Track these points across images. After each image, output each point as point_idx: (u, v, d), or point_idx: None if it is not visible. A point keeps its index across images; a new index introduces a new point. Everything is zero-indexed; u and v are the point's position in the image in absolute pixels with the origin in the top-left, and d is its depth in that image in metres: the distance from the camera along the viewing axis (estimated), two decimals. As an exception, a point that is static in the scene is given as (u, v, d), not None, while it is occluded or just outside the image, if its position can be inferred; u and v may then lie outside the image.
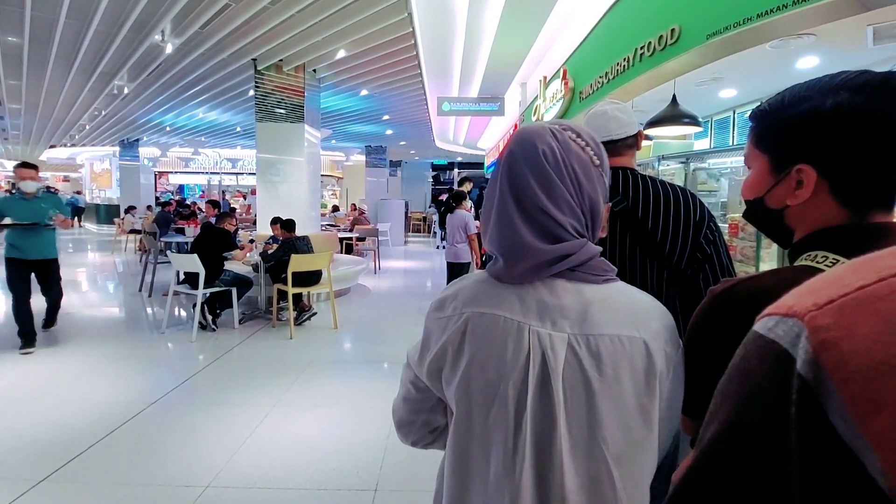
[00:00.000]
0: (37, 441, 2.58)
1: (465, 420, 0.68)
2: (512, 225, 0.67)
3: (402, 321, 5.37)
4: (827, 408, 0.22)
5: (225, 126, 12.96)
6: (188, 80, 8.22)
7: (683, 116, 3.65)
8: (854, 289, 0.24)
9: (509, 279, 0.68)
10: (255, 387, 3.41)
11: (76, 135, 14.92)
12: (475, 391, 0.67)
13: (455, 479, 0.70)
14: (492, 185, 0.72)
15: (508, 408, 0.65)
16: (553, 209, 0.66)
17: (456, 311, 0.71)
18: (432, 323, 0.74)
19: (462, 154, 17.24)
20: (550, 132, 0.69)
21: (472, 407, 0.68)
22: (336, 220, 12.73)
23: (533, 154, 0.67)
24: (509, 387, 0.65)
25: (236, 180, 22.57)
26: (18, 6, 5.33)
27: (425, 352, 0.75)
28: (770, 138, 0.61)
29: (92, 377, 3.55)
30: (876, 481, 0.19)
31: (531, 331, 0.65)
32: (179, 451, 2.54)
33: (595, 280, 0.68)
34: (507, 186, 0.68)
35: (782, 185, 0.59)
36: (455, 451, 0.70)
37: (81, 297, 6.54)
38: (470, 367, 0.68)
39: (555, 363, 0.63)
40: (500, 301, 0.68)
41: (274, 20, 5.65)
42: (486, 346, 0.67)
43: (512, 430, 0.65)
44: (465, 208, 5.51)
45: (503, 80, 7.30)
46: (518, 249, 0.66)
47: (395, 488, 2.27)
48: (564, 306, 0.65)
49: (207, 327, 4.69)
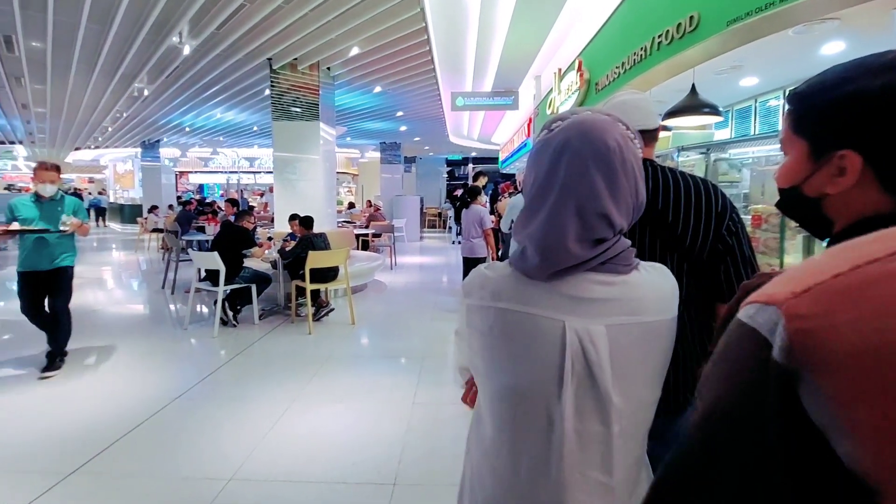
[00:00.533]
0: (66, 435, 2.67)
1: (494, 417, 0.69)
2: (562, 229, 0.64)
3: (418, 317, 5.39)
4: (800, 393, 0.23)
5: (242, 126, 13.15)
6: (206, 81, 8.36)
7: (703, 106, 3.56)
8: (830, 277, 0.25)
9: (541, 278, 0.67)
10: (275, 381, 3.47)
11: (99, 137, 15.31)
12: (505, 389, 0.67)
13: (484, 471, 0.71)
14: (545, 184, 0.67)
15: (541, 404, 0.65)
16: (615, 214, 0.65)
17: (483, 302, 0.70)
18: (463, 307, 0.75)
19: (476, 149, 17.18)
20: (616, 124, 0.67)
21: (501, 404, 0.68)
22: (352, 216, 12.83)
23: (603, 153, 0.64)
24: (541, 383, 0.65)
25: (254, 179, 22.90)
26: (41, 11, 5.48)
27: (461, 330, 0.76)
28: (809, 122, 0.57)
29: (118, 372, 3.66)
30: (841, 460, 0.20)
31: (567, 326, 0.64)
32: (203, 445, 2.60)
33: (624, 270, 0.67)
34: (570, 189, 0.64)
35: (822, 172, 0.55)
36: (483, 442, 0.71)
37: (107, 295, 6.73)
38: (499, 366, 0.68)
39: (597, 356, 0.63)
40: (529, 297, 0.67)
41: (288, 19, 5.69)
42: (512, 344, 0.67)
43: (546, 426, 0.65)
44: (480, 203, 5.50)
45: (517, 74, 7.24)
46: (559, 253, 0.64)
47: (413, 482, 2.28)
48: (599, 299, 0.65)
49: (228, 323, 4.78)
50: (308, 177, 7.46)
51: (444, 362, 4.07)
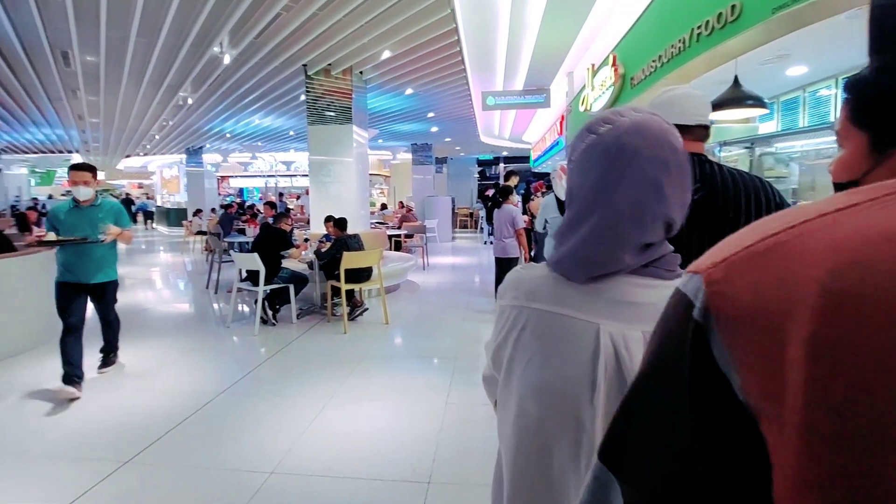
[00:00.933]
0: (122, 426, 2.84)
1: (524, 418, 0.68)
2: (621, 236, 0.62)
3: (450, 317, 5.41)
4: (711, 343, 0.28)
5: (279, 131, 13.57)
6: (245, 89, 8.68)
7: (747, 98, 3.41)
8: (742, 248, 0.30)
9: (580, 281, 0.65)
10: (313, 379, 3.57)
11: (147, 144, 16.16)
12: (534, 390, 0.67)
13: (514, 476, 0.70)
14: (599, 186, 0.64)
15: (571, 407, 0.64)
16: (677, 218, 0.63)
17: (517, 302, 0.70)
18: (497, 309, 0.75)
19: (508, 148, 17.06)
20: (669, 126, 0.64)
21: (530, 405, 0.67)
22: (384, 217, 13.01)
23: (670, 157, 0.62)
24: (572, 386, 0.64)
25: (290, 182, 23.58)
26: (94, 27, 5.84)
27: (492, 337, 0.75)
28: (871, 113, 0.51)
29: (167, 368, 3.86)
30: (737, 395, 0.27)
31: (602, 330, 0.63)
32: (246, 439, 2.70)
33: (667, 276, 0.65)
34: (633, 192, 0.61)
35: (883, 168, 0.49)
36: (513, 449, 0.70)
37: (156, 295, 7.10)
38: (529, 367, 0.67)
39: (630, 363, 0.61)
40: (564, 298, 0.66)
41: (322, 25, 5.84)
42: (546, 345, 0.66)
43: (575, 429, 0.64)
44: (512, 203, 5.46)
45: (549, 71, 7.14)
46: (609, 263, 0.63)
47: (447, 481, 2.30)
48: (638, 304, 0.63)
49: (268, 322, 4.95)
50: (342, 179, 7.62)
51: (477, 363, 4.07)
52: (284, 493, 2.20)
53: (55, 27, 5.87)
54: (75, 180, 3.18)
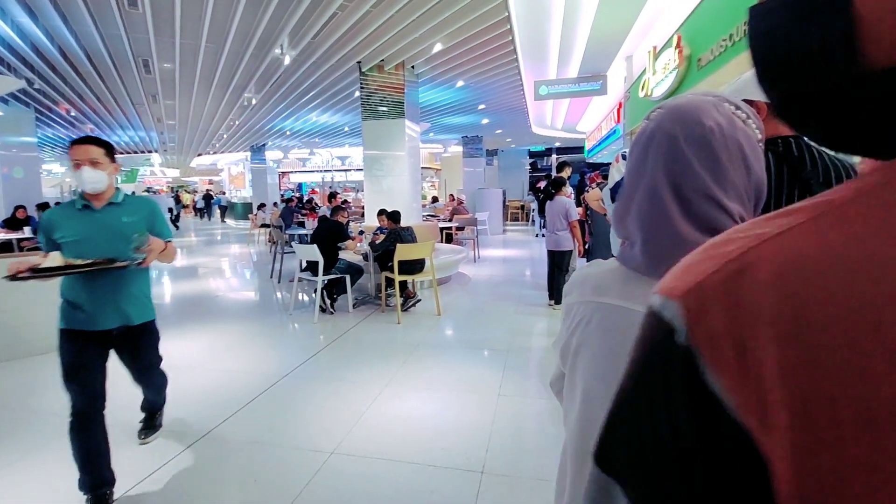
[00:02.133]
0: (196, 403, 3.09)
1: (589, 411, 0.67)
2: (667, 219, 0.61)
3: (501, 309, 5.40)
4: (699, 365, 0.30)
5: (335, 127, 14.04)
6: (303, 88, 9.05)
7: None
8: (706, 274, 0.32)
9: (655, 274, 0.63)
10: (369, 366, 3.70)
11: (216, 143, 17.29)
12: (600, 382, 0.66)
13: (579, 468, 0.69)
14: (636, 170, 0.65)
15: None
16: (721, 195, 0.60)
17: (583, 298, 0.69)
18: (563, 308, 0.74)
19: (560, 139, 16.62)
20: (713, 106, 0.62)
21: (595, 399, 0.66)
22: (436, 210, 13.13)
23: (698, 133, 0.61)
24: None
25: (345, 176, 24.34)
26: (170, 37, 6.31)
27: (559, 334, 0.75)
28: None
29: (236, 351, 4.14)
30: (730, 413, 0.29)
31: None
32: (308, 420, 2.86)
33: None
34: (663, 172, 0.62)
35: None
36: (578, 441, 0.69)
37: (226, 283, 7.62)
38: (594, 360, 0.66)
39: None
40: (633, 292, 0.64)
41: (375, 22, 5.96)
42: (611, 338, 0.65)
43: None
44: (564, 194, 5.33)
45: (605, 56, 6.87)
46: (672, 245, 0.61)
47: (501, 473, 2.32)
48: None
49: (326, 310, 5.18)
50: (394, 173, 7.78)
51: (529, 356, 4.04)
52: (344, 473, 2.31)
53: (137, 38, 6.41)
54: (78, 158, 1.94)
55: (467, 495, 2.15)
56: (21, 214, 8.42)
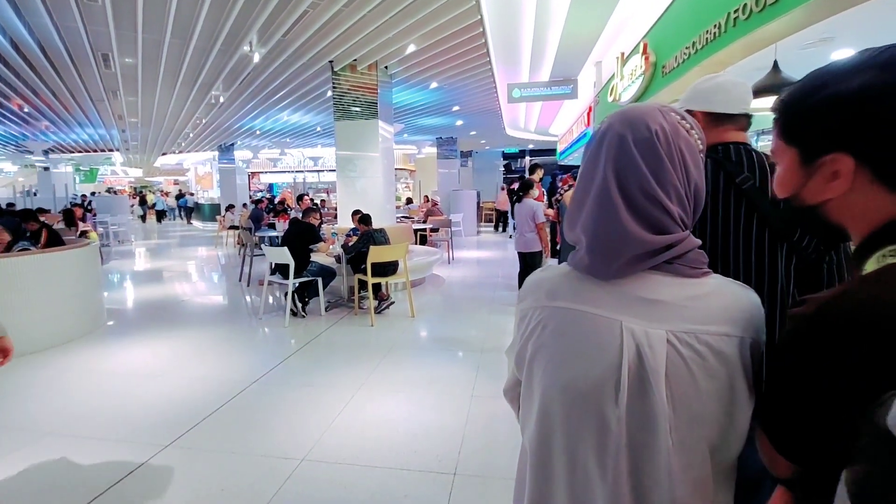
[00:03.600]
0: (161, 411, 2.98)
1: (547, 417, 0.67)
2: (614, 214, 0.62)
3: (475, 310, 5.42)
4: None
5: (307, 127, 13.80)
6: (273, 86, 8.86)
7: (787, 85, 3.24)
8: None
9: (604, 274, 0.64)
10: (341, 370, 3.65)
11: (182, 142, 16.73)
12: (557, 389, 0.65)
13: (537, 476, 0.69)
14: (588, 171, 0.67)
15: (595, 407, 0.62)
16: (662, 196, 0.62)
17: (537, 304, 0.69)
18: (517, 313, 0.74)
19: (533, 141, 16.86)
20: (660, 112, 0.65)
21: (553, 405, 0.66)
22: (410, 212, 13.08)
23: (645, 136, 0.63)
24: (596, 385, 0.62)
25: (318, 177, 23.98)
26: (132, 30, 6.06)
27: (513, 342, 0.75)
28: (796, 130, 0.57)
29: (203, 357, 4.01)
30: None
31: (624, 327, 0.62)
32: (278, 427, 2.80)
33: (693, 273, 0.63)
34: (612, 171, 0.64)
35: (816, 178, 0.55)
36: (536, 448, 0.69)
37: (192, 287, 7.37)
38: (550, 365, 0.66)
39: (654, 362, 0.60)
40: (586, 296, 0.65)
41: (348, 22, 5.89)
42: (569, 343, 0.65)
43: (600, 430, 0.62)
44: (532, 197, 5.42)
45: (576, 61, 7.01)
46: (619, 241, 0.62)
47: (473, 474, 2.32)
48: (662, 301, 0.62)
49: (298, 314, 5.08)
50: (368, 174, 7.71)
51: (501, 356, 4.07)
52: (315, 480, 2.27)
53: (96, 31, 6.13)
54: None
55: (440, 497, 2.14)
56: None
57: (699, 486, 0.61)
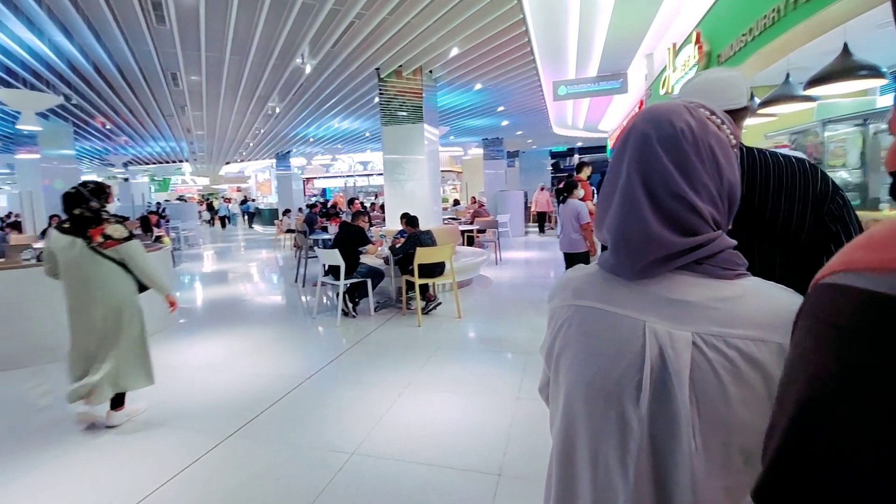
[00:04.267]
0: (224, 404, 3.20)
1: (570, 414, 0.67)
2: (638, 213, 0.61)
3: (523, 312, 5.38)
4: None
5: (356, 133, 14.24)
6: (324, 95, 9.24)
7: (859, 68, 3.00)
8: None
9: (629, 274, 0.64)
10: (390, 368, 3.75)
11: (243, 151, 17.77)
12: (580, 386, 0.66)
13: (562, 473, 0.70)
14: (614, 170, 0.67)
15: (617, 406, 0.62)
16: (692, 195, 0.60)
17: (564, 302, 0.70)
18: (548, 312, 0.75)
19: (582, 139, 16.43)
20: (686, 109, 0.64)
21: (576, 402, 0.66)
22: (457, 213, 13.15)
23: (670, 133, 0.62)
24: (617, 384, 0.62)
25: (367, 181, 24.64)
26: (196, 50, 6.54)
27: (544, 339, 0.76)
28: None
29: (262, 353, 4.26)
30: None
31: (647, 328, 0.61)
32: (330, 421, 2.93)
33: (725, 275, 0.61)
34: (636, 170, 0.63)
35: None
36: (561, 445, 0.70)
37: (253, 287, 7.83)
38: (574, 362, 0.67)
39: (677, 364, 0.58)
40: (611, 295, 0.65)
41: (392, 29, 6.04)
42: (591, 341, 0.65)
43: (621, 429, 0.62)
44: (577, 197, 5.32)
45: (625, 55, 6.77)
46: (643, 242, 0.61)
47: (518, 475, 2.32)
48: (689, 302, 0.60)
49: (349, 314, 5.28)
50: (415, 176, 7.85)
51: (550, 358, 4.02)
52: (363, 474, 2.36)
53: (165, 52, 6.67)
54: None
55: (484, 497, 2.17)
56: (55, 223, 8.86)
57: (731, 494, 0.59)
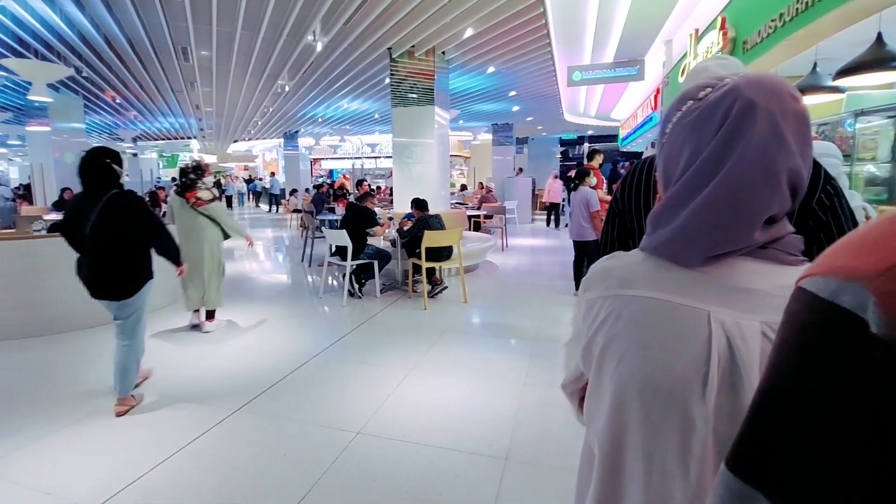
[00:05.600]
0: (232, 378, 3.22)
1: (620, 414, 0.62)
2: (740, 204, 0.55)
3: (529, 299, 5.36)
4: None
5: (365, 114, 14.10)
6: (334, 75, 9.11)
7: (893, 59, 2.90)
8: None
9: (694, 261, 0.58)
10: (395, 350, 3.76)
11: (251, 130, 17.68)
12: (635, 384, 0.60)
13: (606, 475, 0.65)
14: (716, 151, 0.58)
15: (679, 404, 0.58)
16: (803, 179, 0.56)
17: (608, 293, 0.64)
18: (582, 304, 0.68)
19: (593, 127, 16.19)
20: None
21: (629, 401, 0.61)
22: (464, 198, 13.07)
23: (798, 112, 0.56)
24: (679, 380, 0.57)
25: (375, 163, 24.51)
26: (207, 24, 6.44)
27: (578, 334, 0.70)
28: None
29: (269, 331, 4.28)
30: None
31: (712, 318, 0.56)
32: (335, 400, 2.94)
33: (791, 260, 0.57)
34: (758, 150, 0.55)
35: None
36: (606, 446, 0.65)
37: (259, 266, 7.85)
38: (626, 358, 0.61)
39: (747, 355, 0.54)
40: (667, 284, 0.60)
41: (406, 7, 5.91)
42: (647, 334, 0.60)
43: (683, 428, 0.58)
44: (589, 185, 5.26)
45: (643, 41, 6.61)
46: (732, 233, 0.56)
47: (525, 461, 2.32)
48: (756, 290, 0.56)
49: (354, 295, 5.28)
50: (424, 160, 7.77)
51: (555, 346, 4.01)
52: (369, 453, 2.37)
53: (176, 25, 6.58)
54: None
55: (490, 481, 2.17)
56: (68, 196, 8.89)
57: None
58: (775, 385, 0.34)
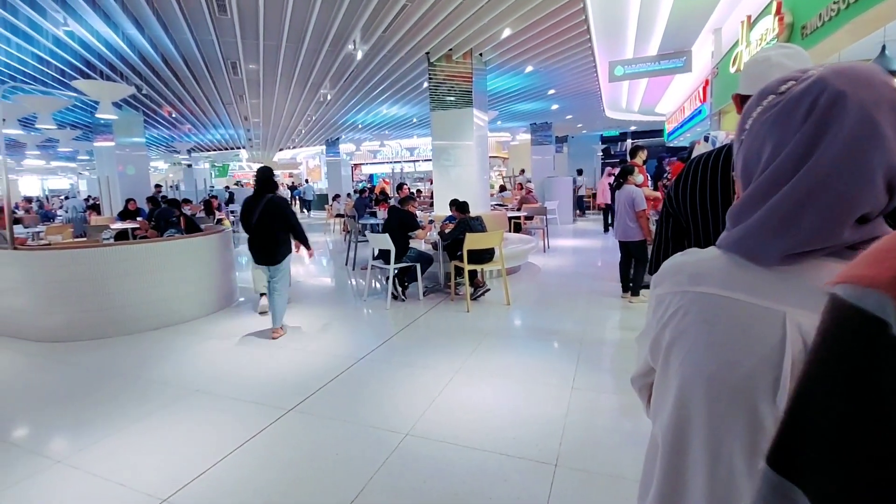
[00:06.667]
0: (284, 379, 3.34)
1: (684, 408, 0.62)
2: (829, 200, 0.52)
3: (571, 301, 5.25)
4: None
5: (404, 118, 14.30)
6: (374, 81, 9.30)
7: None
8: None
9: (776, 260, 0.56)
10: (440, 352, 3.78)
11: (295, 138, 18.33)
12: (701, 379, 0.60)
13: (669, 469, 0.64)
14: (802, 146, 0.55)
15: (746, 402, 0.56)
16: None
17: (678, 288, 0.63)
18: (652, 299, 0.68)
19: (636, 122, 15.69)
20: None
21: (693, 396, 0.60)
22: (503, 199, 12.98)
23: (888, 98, 0.53)
24: (747, 378, 0.56)
25: (414, 167, 24.79)
26: (254, 38, 6.74)
27: (648, 328, 0.69)
28: None
29: (317, 333, 4.41)
30: None
31: (788, 319, 0.54)
32: (383, 401, 2.99)
33: None
34: (839, 140, 0.52)
35: None
36: (671, 440, 0.64)
37: (305, 270, 8.10)
38: (692, 354, 0.61)
39: None
40: (740, 282, 0.58)
41: (444, 11, 5.95)
42: (713, 331, 0.59)
43: (751, 427, 0.56)
44: (634, 183, 5.08)
45: (691, 30, 6.34)
46: (818, 230, 0.53)
47: (575, 467, 2.27)
48: None
49: (398, 298, 5.35)
50: (462, 162, 7.78)
51: (603, 350, 3.90)
52: (418, 455, 2.39)
53: (226, 42, 6.92)
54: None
55: (541, 487, 2.13)
56: (132, 206, 9.53)
57: None
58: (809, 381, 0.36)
